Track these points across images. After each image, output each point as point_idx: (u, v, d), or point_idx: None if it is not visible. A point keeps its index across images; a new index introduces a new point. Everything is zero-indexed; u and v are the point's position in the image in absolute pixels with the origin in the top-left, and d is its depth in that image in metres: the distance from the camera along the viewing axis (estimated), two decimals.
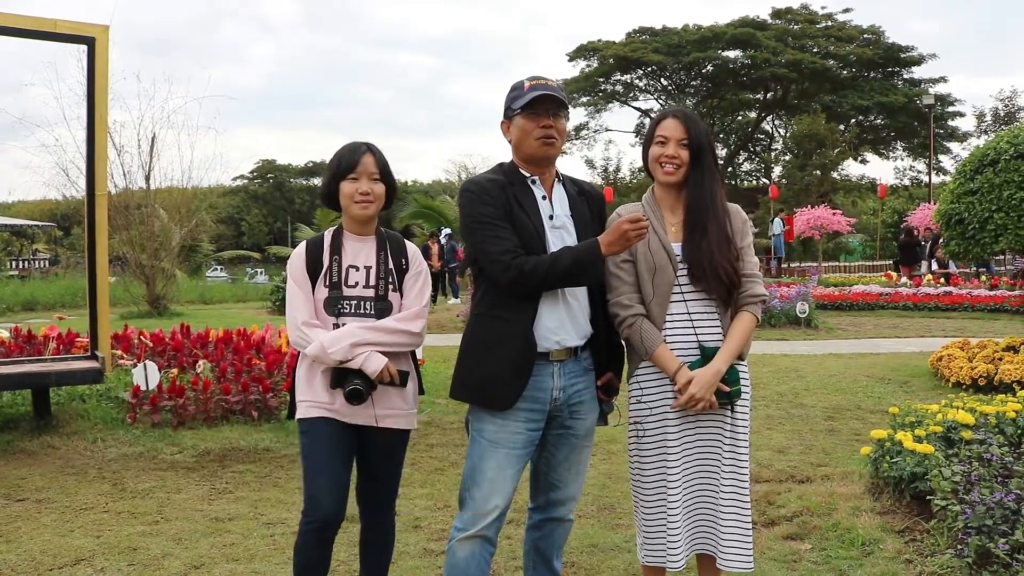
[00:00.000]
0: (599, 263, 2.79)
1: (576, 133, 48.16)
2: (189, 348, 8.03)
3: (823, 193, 36.18)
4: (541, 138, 2.90)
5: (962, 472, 4.15)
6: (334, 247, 3.07)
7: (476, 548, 2.88)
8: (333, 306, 3.01)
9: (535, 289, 2.84)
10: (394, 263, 3.10)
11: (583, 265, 2.78)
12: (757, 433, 6.47)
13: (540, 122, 2.89)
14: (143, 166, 17.43)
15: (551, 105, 2.89)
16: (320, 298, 3.03)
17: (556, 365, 2.92)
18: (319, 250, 3.07)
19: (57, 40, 6.87)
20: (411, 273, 3.13)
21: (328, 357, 2.92)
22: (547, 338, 2.89)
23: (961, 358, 8.50)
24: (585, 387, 3.01)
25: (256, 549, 4.22)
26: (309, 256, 3.05)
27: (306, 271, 3.04)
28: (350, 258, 3.07)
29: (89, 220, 6.80)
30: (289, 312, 3.04)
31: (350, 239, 3.10)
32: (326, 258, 3.05)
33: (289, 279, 3.06)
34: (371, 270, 3.06)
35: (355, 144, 3.07)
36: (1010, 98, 40.33)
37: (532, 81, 2.92)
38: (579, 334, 2.96)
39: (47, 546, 4.27)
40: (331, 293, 3.02)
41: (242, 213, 48.73)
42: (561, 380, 2.94)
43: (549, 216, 2.95)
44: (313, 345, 2.94)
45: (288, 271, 3.08)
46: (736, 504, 2.94)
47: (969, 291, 17.57)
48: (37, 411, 6.49)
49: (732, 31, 43.53)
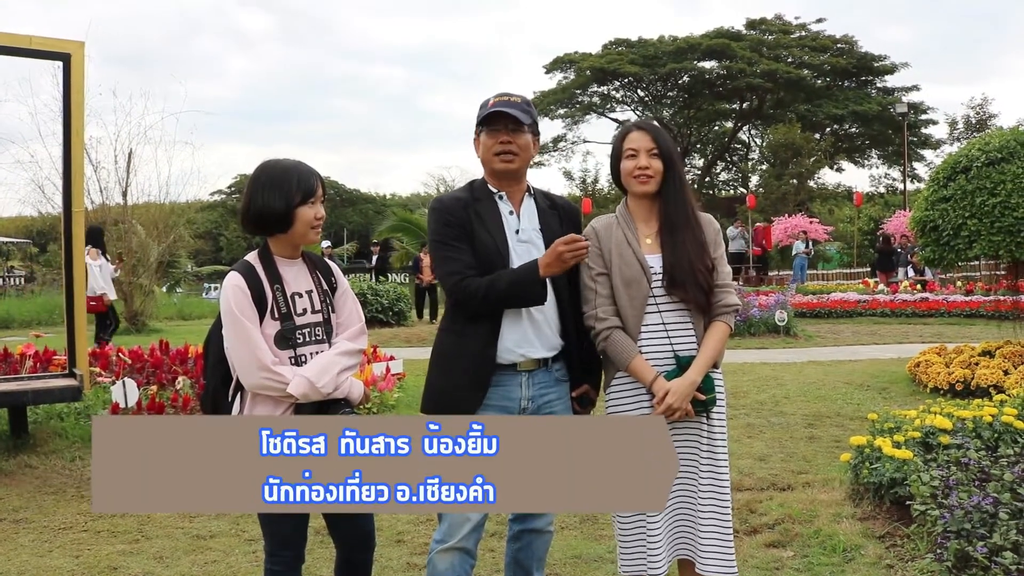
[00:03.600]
0: (538, 285, 2.84)
1: (554, 145, 48.26)
2: (168, 364, 7.98)
3: (800, 202, 36.43)
4: (499, 154, 2.94)
5: (940, 477, 4.19)
6: (271, 276, 2.81)
7: (455, 560, 2.89)
8: (287, 339, 2.78)
9: (477, 310, 2.90)
10: (326, 283, 2.97)
11: (521, 286, 2.83)
12: (738, 442, 6.50)
13: (499, 138, 2.94)
14: (120, 182, 17.32)
15: (509, 121, 2.92)
16: (270, 333, 2.76)
17: (524, 375, 2.96)
18: (257, 280, 2.78)
19: (32, 56, 6.82)
20: (340, 290, 3.01)
21: (319, 392, 2.73)
22: (511, 351, 2.94)
23: (938, 364, 8.59)
24: (557, 398, 3.04)
25: (238, 566, 4.19)
26: (251, 288, 2.75)
27: (254, 305, 2.75)
28: (291, 285, 2.85)
29: (66, 237, 6.74)
30: (245, 355, 2.70)
31: (284, 265, 2.87)
32: (268, 289, 2.79)
33: (237, 317, 2.71)
34: (313, 294, 2.89)
35: (305, 165, 2.86)
36: (981, 105, 40.86)
37: (496, 98, 2.97)
38: (546, 347, 2.99)
39: (25, 567, 4.22)
40: (284, 325, 2.78)
41: (220, 228, 48.42)
42: (530, 390, 2.97)
43: (516, 231, 2.99)
44: (296, 383, 2.70)
45: (232, 307, 2.72)
46: (715, 511, 2.95)
47: (945, 297, 17.76)
48: (14, 430, 6.42)
49: (707, 42, 43.82)
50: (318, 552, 4.21)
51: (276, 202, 2.77)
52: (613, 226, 3.04)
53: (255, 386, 2.73)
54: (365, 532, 3.04)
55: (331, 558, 4.04)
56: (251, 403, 2.80)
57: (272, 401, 2.77)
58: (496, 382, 2.94)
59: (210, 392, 2.94)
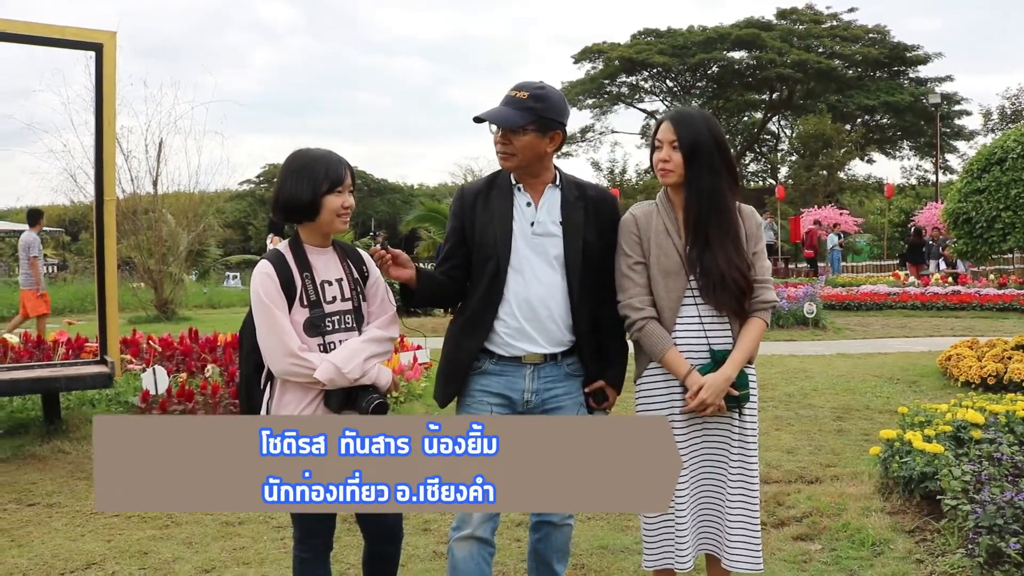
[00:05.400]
0: (405, 290, 2.97)
1: (582, 135, 48.18)
2: (198, 352, 8.06)
3: (830, 193, 36.14)
4: (497, 152, 2.93)
5: (972, 472, 4.14)
6: (301, 264, 2.84)
7: (473, 549, 2.89)
8: (316, 326, 2.81)
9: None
10: (357, 271, 2.98)
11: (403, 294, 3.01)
12: (766, 434, 6.46)
13: (496, 136, 2.91)
14: (150, 171, 17.51)
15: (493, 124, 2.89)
16: (299, 320, 2.79)
17: (529, 368, 2.94)
18: (287, 268, 2.82)
19: (65, 47, 6.91)
20: (372, 279, 3.01)
21: (345, 378, 2.74)
22: (511, 345, 2.93)
23: (970, 357, 8.48)
24: (565, 393, 3.00)
25: (267, 552, 4.23)
26: (280, 276, 2.79)
27: (282, 293, 2.78)
28: (321, 273, 2.87)
29: (98, 225, 6.83)
30: (273, 341, 2.74)
31: (314, 253, 2.89)
32: (296, 277, 2.82)
33: (265, 304, 2.75)
34: (343, 282, 2.91)
35: (335, 155, 2.87)
36: (1017, 96, 40.28)
37: (509, 91, 2.92)
38: (551, 342, 2.95)
39: (58, 550, 4.29)
40: (312, 313, 2.81)
41: (249, 217, 48.73)
42: (535, 383, 2.95)
43: (531, 223, 2.95)
44: (324, 369, 2.72)
45: (261, 295, 2.76)
46: (744, 505, 2.93)
47: (977, 290, 17.53)
48: (47, 416, 6.52)
49: (737, 32, 43.49)
50: (345, 540, 4.24)
51: (303, 190, 2.78)
52: (653, 214, 2.97)
53: (283, 372, 2.75)
54: (390, 526, 3.05)
55: (359, 546, 4.07)
56: (281, 390, 2.82)
57: (301, 388, 2.78)
58: (500, 372, 2.94)
59: (244, 380, 2.96)
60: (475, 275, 2.98)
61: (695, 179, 2.89)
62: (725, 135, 3.05)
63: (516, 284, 2.91)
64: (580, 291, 2.95)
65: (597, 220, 3.00)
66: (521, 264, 2.92)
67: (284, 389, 2.81)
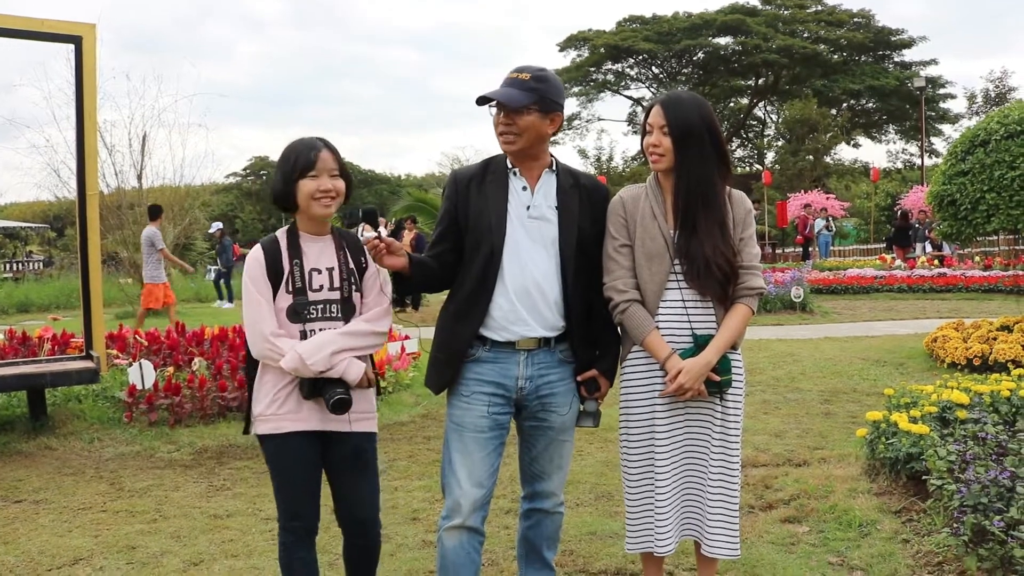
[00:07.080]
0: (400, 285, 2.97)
1: (568, 123, 48.04)
2: (184, 346, 8.02)
3: (816, 178, 36.18)
4: (501, 134, 2.91)
5: (957, 451, 4.16)
6: (292, 250, 2.88)
7: (463, 538, 2.89)
8: (298, 312, 2.85)
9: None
10: (354, 262, 2.98)
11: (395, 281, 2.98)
12: (754, 418, 6.48)
13: (498, 118, 2.90)
14: (135, 165, 17.44)
15: (499, 103, 2.87)
16: (283, 306, 2.85)
17: (523, 354, 2.93)
18: (277, 254, 2.87)
19: (44, 40, 6.85)
20: (370, 271, 3.00)
21: (308, 369, 2.76)
22: (506, 328, 2.91)
23: (956, 339, 8.52)
24: (559, 379, 2.99)
25: (255, 545, 4.22)
26: (268, 261, 2.85)
27: (267, 278, 2.84)
28: (312, 261, 2.90)
29: (81, 220, 6.78)
30: (251, 322, 2.83)
31: (308, 240, 2.92)
32: (285, 262, 2.86)
33: (249, 286, 2.83)
34: (334, 271, 2.91)
35: (309, 140, 2.89)
36: (1000, 79, 40.39)
37: (510, 73, 2.91)
38: (544, 326, 2.94)
39: (45, 546, 4.27)
40: (296, 299, 2.85)
41: (236, 210, 48.50)
42: (528, 370, 2.93)
43: (527, 207, 2.94)
44: (289, 357, 2.77)
45: (247, 278, 2.84)
46: (723, 493, 2.94)
47: (963, 272, 17.62)
48: (33, 412, 6.48)
49: (722, 18, 43.44)
50: (334, 531, 4.22)
51: (278, 180, 2.88)
52: (641, 197, 2.97)
53: (258, 354, 2.85)
54: (361, 519, 3.06)
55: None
56: (262, 370, 2.91)
57: (279, 370, 2.84)
58: (494, 359, 2.92)
59: (248, 356, 3.00)
60: (468, 258, 2.96)
61: (685, 165, 2.87)
62: (717, 118, 3.03)
63: (511, 267, 2.90)
64: (574, 276, 2.94)
65: (591, 208, 3.00)
66: (516, 247, 2.91)
67: (264, 370, 2.91)
